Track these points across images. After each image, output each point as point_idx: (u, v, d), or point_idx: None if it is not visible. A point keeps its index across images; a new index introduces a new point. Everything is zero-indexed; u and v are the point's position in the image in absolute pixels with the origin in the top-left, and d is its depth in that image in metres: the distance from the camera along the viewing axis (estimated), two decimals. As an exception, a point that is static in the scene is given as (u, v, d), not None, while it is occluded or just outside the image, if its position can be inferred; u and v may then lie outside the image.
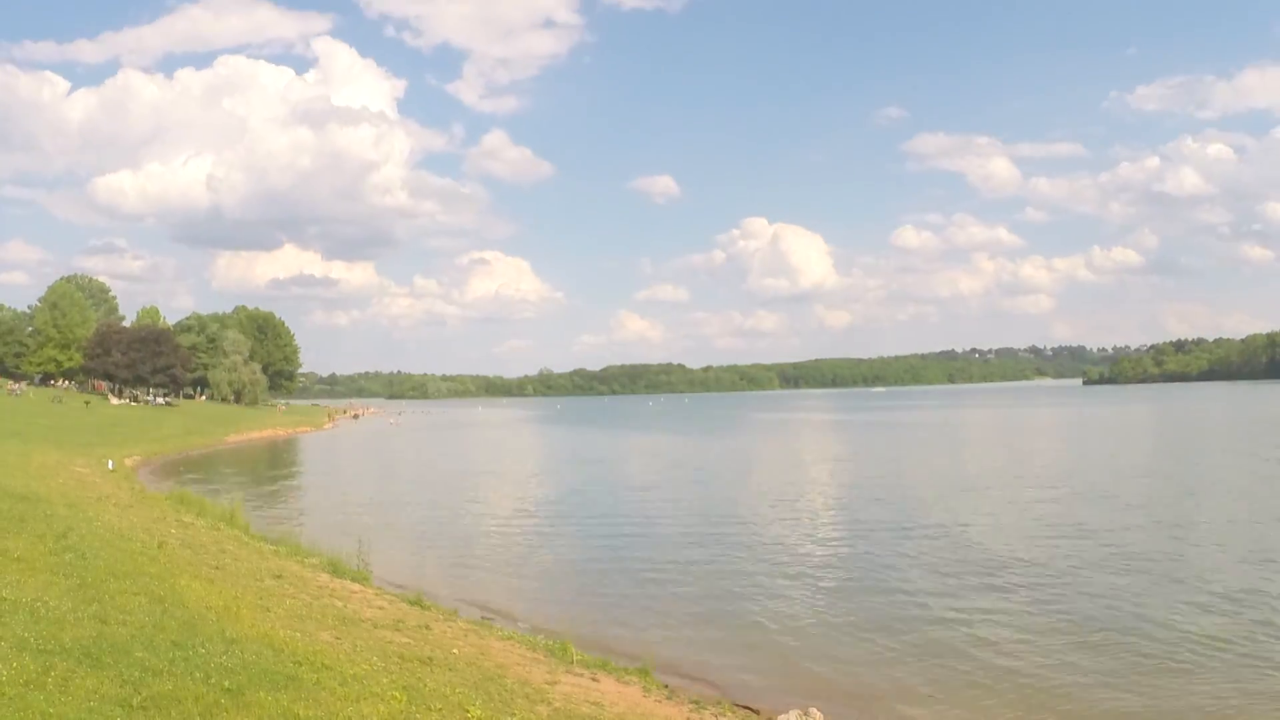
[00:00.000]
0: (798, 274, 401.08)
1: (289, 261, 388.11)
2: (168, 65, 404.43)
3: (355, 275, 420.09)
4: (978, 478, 40.88)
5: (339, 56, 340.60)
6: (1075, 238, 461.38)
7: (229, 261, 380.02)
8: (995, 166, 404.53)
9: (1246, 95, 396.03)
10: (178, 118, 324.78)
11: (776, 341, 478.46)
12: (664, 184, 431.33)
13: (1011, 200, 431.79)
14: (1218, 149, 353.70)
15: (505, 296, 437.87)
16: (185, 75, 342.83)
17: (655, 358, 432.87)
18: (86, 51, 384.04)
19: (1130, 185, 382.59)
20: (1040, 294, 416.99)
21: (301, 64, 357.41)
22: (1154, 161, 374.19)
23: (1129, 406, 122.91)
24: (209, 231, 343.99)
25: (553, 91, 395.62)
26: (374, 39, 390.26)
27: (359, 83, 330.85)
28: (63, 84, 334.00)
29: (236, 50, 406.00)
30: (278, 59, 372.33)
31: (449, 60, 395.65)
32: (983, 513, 29.63)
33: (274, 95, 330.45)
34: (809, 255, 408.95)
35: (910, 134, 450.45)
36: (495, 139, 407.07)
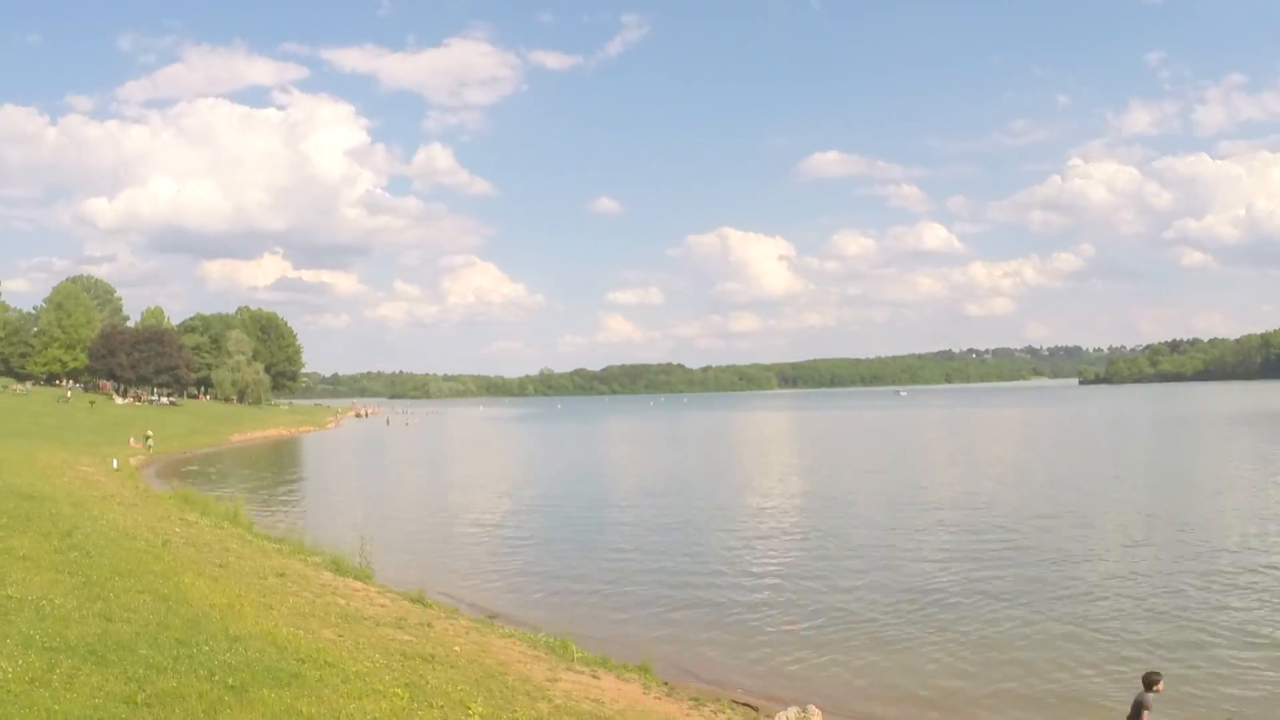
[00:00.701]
0: (757, 278, 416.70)
1: (270, 269, 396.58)
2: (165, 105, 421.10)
3: (340, 281, 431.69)
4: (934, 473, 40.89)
5: (314, 101, 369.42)
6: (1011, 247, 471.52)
7: (220, 268, 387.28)
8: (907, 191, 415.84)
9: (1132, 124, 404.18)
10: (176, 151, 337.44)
11: (758, 341, 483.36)
12: (606, 204, 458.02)
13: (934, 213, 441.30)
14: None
15: (487, 300, 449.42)
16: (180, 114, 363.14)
17: (638, 358, 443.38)
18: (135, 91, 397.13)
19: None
20: (1002, 298, 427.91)
21: (281, 105, 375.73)
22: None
23: (1089, 407, 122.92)
24: (198, 242, 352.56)
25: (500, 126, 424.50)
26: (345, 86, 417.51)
27: (331, 120, 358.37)
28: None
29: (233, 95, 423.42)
30: (263, 102, 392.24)
31: (407, 102, 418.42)
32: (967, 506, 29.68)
33: (264, 128, 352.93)
34: (766, 261, 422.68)
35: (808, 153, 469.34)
36: (447, 162, 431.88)
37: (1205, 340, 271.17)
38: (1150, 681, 9.68)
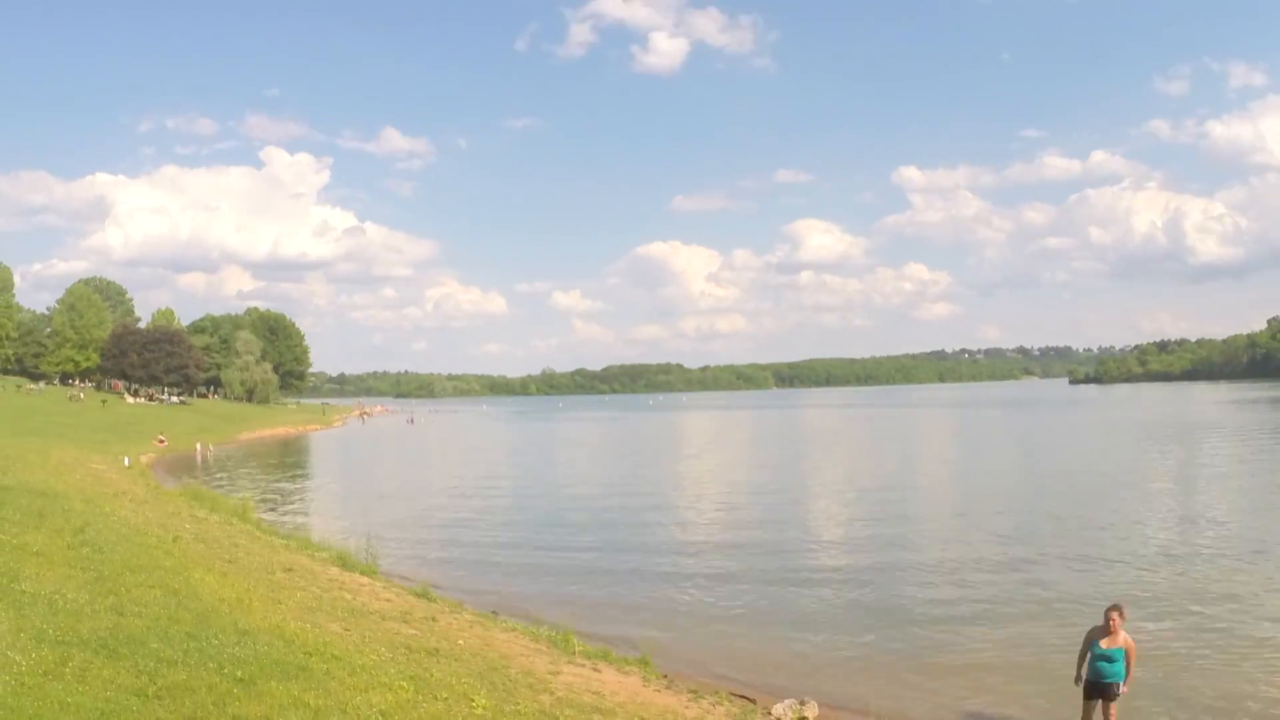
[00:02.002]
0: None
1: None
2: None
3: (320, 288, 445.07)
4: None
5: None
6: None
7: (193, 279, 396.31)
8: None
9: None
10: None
11: (730, 343, 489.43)
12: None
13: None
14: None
15: (464, 307, 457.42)
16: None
17: (609, 359, 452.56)
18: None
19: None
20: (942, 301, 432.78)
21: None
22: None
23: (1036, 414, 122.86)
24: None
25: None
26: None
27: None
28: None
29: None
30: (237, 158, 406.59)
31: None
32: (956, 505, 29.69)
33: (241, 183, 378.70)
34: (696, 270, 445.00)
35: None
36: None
37: (1193, 340, 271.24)
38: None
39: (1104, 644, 10.06)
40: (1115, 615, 10.05)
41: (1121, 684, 10.14)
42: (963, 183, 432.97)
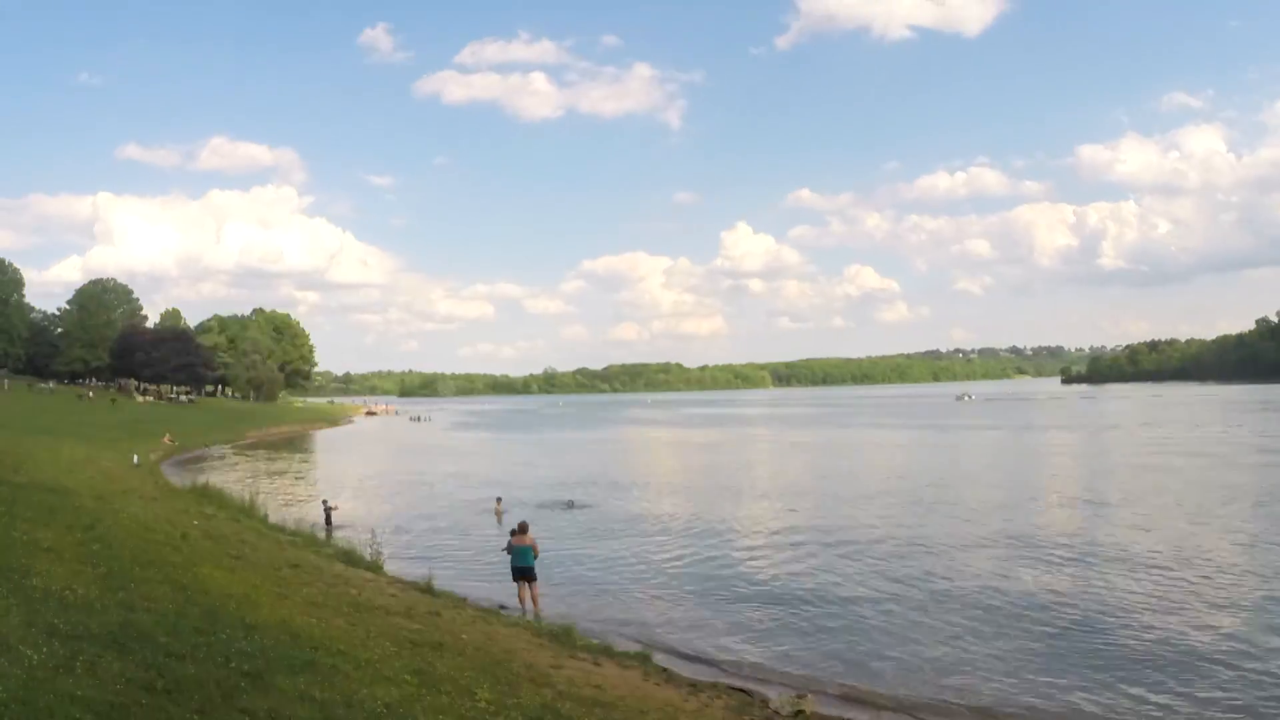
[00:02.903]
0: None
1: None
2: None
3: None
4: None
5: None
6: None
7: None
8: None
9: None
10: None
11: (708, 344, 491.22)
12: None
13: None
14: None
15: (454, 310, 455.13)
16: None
17: (588, 357, 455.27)
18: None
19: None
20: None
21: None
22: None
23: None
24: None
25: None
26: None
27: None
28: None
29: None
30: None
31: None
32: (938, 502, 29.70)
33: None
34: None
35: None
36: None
37: (1183, 340, 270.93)
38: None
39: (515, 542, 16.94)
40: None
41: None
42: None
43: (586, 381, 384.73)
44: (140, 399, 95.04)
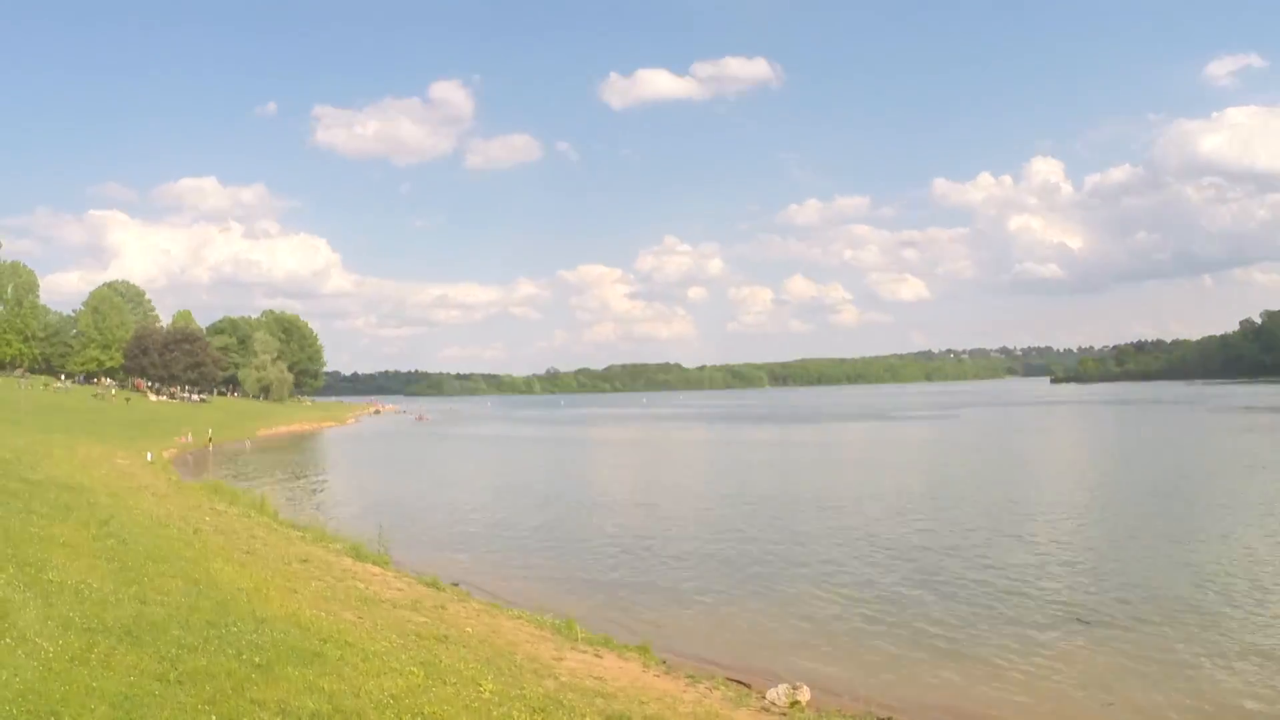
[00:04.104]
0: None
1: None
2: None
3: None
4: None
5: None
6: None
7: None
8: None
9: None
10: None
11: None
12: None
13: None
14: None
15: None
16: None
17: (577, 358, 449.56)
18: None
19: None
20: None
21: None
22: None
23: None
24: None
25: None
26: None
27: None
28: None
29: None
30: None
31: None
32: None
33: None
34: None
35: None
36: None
37: (1169, 341, 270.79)
38: None
39: None
40: None
41: None
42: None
43: (588, 381, 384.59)
44: (153, 398, 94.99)
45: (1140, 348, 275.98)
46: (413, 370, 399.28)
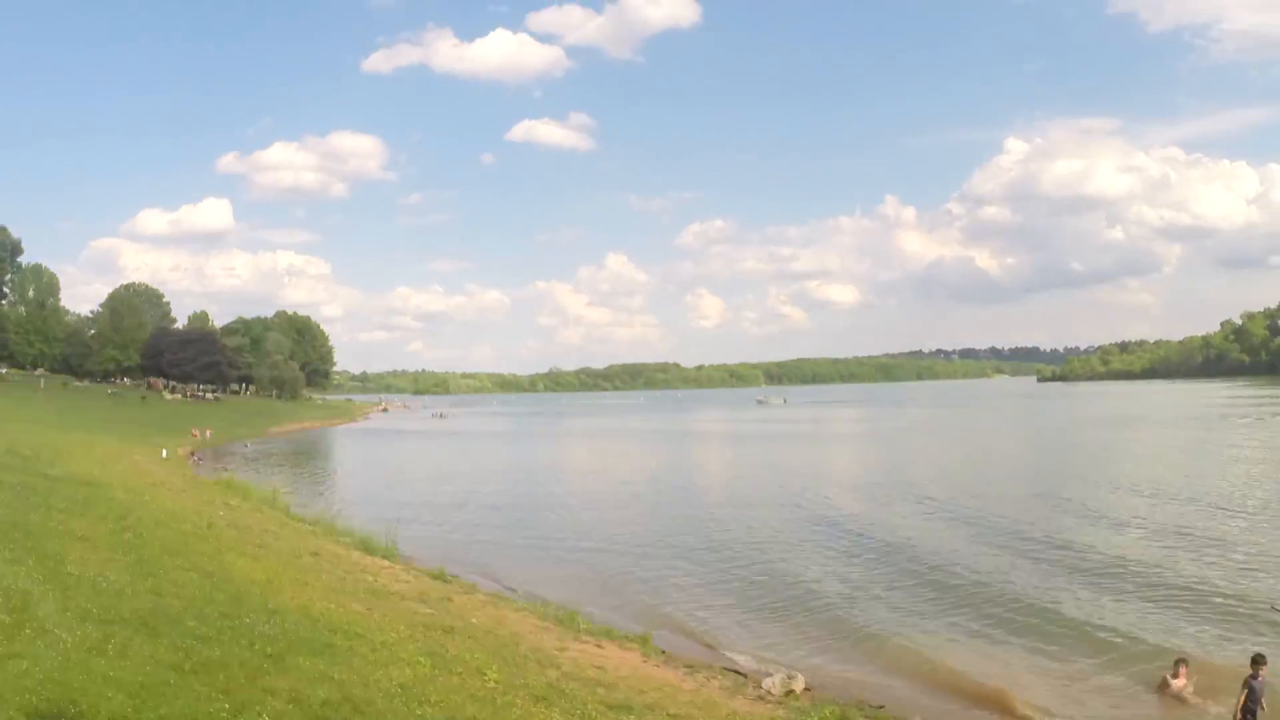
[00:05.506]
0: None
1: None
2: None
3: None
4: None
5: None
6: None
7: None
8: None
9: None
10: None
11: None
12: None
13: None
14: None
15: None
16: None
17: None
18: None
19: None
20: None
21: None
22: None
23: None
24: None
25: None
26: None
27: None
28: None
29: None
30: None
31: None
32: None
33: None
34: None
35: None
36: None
37: (1152, 341, 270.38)
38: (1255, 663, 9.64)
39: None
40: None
41: None
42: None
43: (590, 380, 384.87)
44: (169, 397, 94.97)
45: (1124, 347, 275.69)
46: (421, 370, 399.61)
